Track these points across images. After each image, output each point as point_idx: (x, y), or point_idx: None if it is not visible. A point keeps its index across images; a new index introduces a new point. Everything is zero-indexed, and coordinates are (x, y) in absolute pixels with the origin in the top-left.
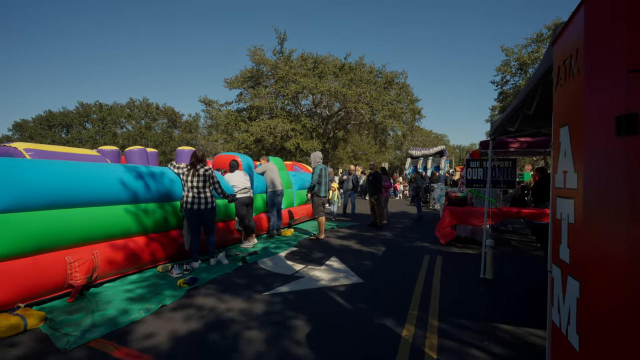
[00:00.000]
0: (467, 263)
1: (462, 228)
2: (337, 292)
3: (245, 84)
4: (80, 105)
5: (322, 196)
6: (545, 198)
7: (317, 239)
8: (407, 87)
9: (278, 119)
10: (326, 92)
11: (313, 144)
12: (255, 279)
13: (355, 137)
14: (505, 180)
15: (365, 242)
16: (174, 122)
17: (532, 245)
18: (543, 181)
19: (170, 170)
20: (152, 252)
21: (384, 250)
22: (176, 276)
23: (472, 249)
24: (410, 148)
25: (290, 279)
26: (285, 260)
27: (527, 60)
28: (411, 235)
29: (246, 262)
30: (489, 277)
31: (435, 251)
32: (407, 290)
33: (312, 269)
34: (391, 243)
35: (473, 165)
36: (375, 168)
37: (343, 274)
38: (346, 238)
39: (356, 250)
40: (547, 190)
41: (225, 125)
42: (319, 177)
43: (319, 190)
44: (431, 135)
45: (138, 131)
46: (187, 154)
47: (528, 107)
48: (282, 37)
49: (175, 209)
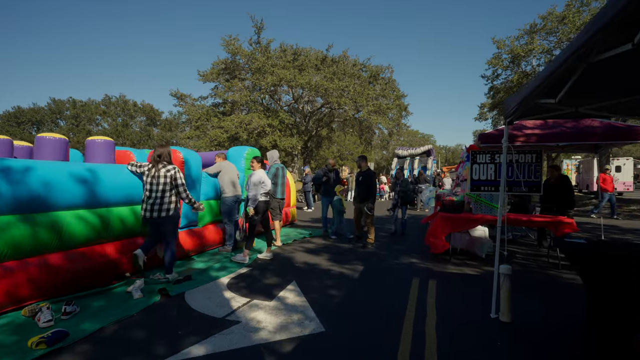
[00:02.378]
0: (469, 292)
1: (457, 238)
2: (280, 355)
3: (221, 77)
4: (52, 102)
5: (279, 197)
6: (560, 203)
7: (272, 257)
8: (393, 82)
9: (253, 114)
10: (306, 85)
11: (292, 141)
12: (164, 329)
13: (340, 135)
14: (527, 181)
15: (339, 257)
16: (152, 120)
17: (543, 259)
18: (561, 183)
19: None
20: (13, 287)
21: (361, 271)
22: (43, 325)
23: (471, 267)
24: (397, 148)
25: (217, 327)
26: (224, 290)
27: (520, 52)
28: (396, 247)
29: (167, 294)
30: (504, 319)
31: (425, 271)
32: (389, 350)
33: (256, 307)
34: (371, 259)
35: (481, 160)
36: (365, 165)
37: (298, 315)
38: (316, 252)
39: (324, 271)
40: (565, 194)
41: (196, 121)
42: (275, 177)
43: (274, 192)
44: (417, 135)
45: (114, 129)
46: (100, 147)
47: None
48: (259, 26)
49: (53, 221)
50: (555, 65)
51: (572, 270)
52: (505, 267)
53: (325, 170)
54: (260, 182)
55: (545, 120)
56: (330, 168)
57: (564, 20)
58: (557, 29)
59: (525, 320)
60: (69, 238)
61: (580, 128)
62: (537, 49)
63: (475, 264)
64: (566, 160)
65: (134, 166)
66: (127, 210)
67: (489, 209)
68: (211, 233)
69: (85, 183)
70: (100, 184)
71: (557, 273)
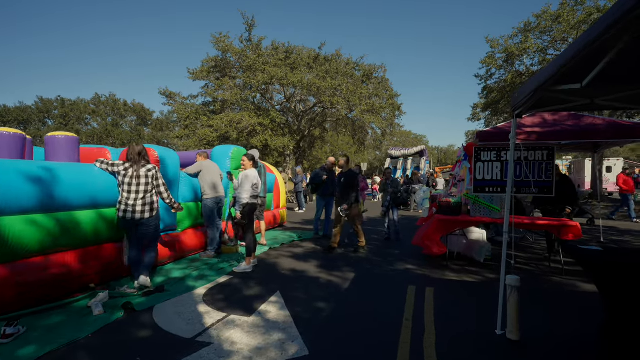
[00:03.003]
0: (470, 303)
1: (454, 241)
2: None
3: (212, 75)
4: (39, 100)
5: (261, 196)
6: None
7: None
8: (386, 81)
9: (243, 113)
10: (298, 83)
11: (284, 141)
12: (120, 354)
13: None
14: (538, 181)
15: (329, 263)
16: (144, 120)
17: (544, 264)
18: (562, 184)
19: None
20: None
21: (352, 279)
22: None
23: (471, 274)
24: (390, 148)
25: (184, 350)
26: (198, 303)
27: (514, 51)
28: (389, 251)
29: (132, 309)
30: (512, 337)
31: (422, 278)
32: None
33: (233, 324)
34: (363, 265)
35: (485, 157)
36: (346, 164)
37: (279, 333)
38: (304, 257)
39: (312, 280)
40: (566, 195)
41: (185, 120)
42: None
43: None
44: (410, 135)
45: (104, 129)
46: (62, 143)
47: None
48: (250, 23)
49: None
50: (596, 33)
51: (577, 277)
52: (512, 278)
53: (323, 169)
54: (252, 184)
55: (543, 118)
56: (329, 167)
57: (559, 19)
58: (552, 28)
59: (534, 335)
60: (16, 247)
61: (582, 126)
62: (532, 48)
63: (474, 270)
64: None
65: (104, 164)
66: (93, 214)
67: (488, 211)
68: (191, 238)
69: (40, 183)
70: (59, 185)
71: (561, 280)
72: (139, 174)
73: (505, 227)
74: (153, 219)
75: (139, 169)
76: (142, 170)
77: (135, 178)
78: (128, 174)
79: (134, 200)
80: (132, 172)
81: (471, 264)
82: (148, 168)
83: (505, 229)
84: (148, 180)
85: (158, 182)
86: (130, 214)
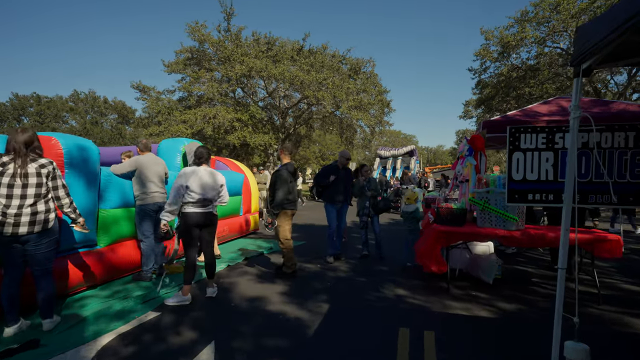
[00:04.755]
0: (488, 353)
1: (455, 256)
2: None
3: (189, 68)
4: (14, 97)
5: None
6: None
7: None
8: (375, 76)
9: (219, 107)
10: (280, 76)
11: (265, 138)
12: None
13: (321, 135)
14: (619, 183)
15: (299, 288)
16: (125, 118)
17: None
18: None
19: None
20: None
21: (325, 314)
22: None
23: (480, 303)
24: (379, 148)
25: None
26: None
27: (510, 41)
28: (376, 268)
29: None
30: None
31: (416, 313)
32: None
33: None
34: (341, 290)
35: (528, 144)
36: (284, 157)
37: None
38: (266, 280)
39: (271, 317)
40: None
41: (156, 115)
42: None
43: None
44: (400, 135)
45: (82, 127)
46: None
47: None
48: (228, 11)
49: None
50: None
51: (619, 307)
52: (578, 347)
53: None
54: (182, 185)
55: (560, 105)
56: (343, 164)
57: (558, 7)
58: (550, 18)
59: None
60: None
61: (613, 112)
62: (529, 38)
63: (484, 297)
64: None
65: None
66: None
67: (501, 220)
68: (119, 255)
69: None
70: None
71: (599, 311)
72: (25, 172)
73: (560, 260)
74: (46, 235)
75: (26, 165)
76: (32, 167)
77: (21, 177)
78: (7, 171)
79: (17, 209)
80: (13, 170)
81: (477, 286)
82: (41, 163)
83: (560, 263)
84: (41, 180)
85: (56, 184)
86: (10, 227)
